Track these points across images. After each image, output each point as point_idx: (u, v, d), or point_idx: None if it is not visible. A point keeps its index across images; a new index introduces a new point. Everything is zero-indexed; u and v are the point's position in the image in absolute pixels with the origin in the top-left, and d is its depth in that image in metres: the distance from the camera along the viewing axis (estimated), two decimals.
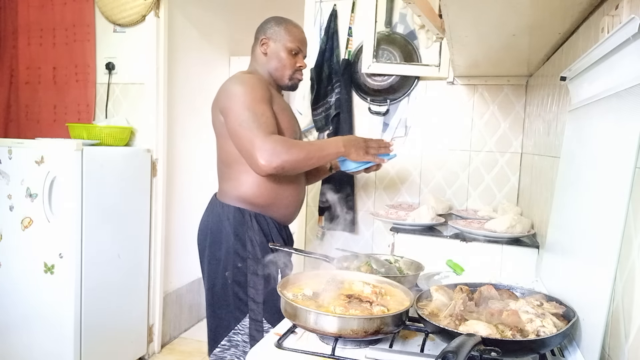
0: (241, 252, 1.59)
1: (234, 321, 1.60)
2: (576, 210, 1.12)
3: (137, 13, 2.71)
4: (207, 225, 1.69)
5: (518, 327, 0.93)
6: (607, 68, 0.99)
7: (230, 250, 1.59)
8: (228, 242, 1.60)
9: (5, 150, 2.33)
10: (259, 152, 1.45)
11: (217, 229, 1.64)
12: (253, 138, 1.47)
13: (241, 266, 1.59)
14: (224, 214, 1.63)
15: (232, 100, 1.54)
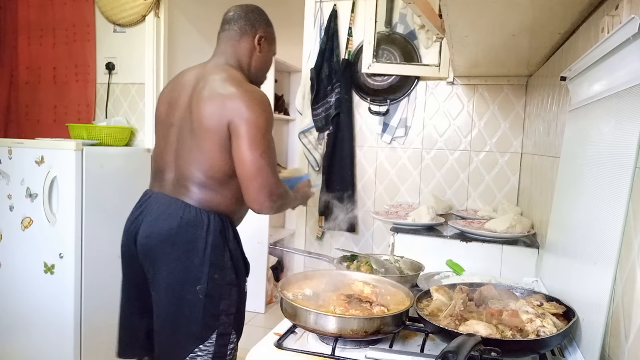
0: (218, 262, 1.47)
1: (194, 341, 1.44)
2: (576, 210, 1.12)
3: (137, 13, 2.71)
4: (170, 232, 1.46)
5: (518, 327, 0.93)
6: (607, 68, 0.99)
7: (205, 260, 1.44)
8: (203, 252, 1.45)
9: (5, 150, 2.33)
10: (269, 196, 1.44)
11: (189, 238, 1.45)
12: (269, 178, 1.43)
13: (217, 277, 1.46)
14: (200, 222, 1.46)
15: (251, 122, 1.42)
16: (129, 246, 1.54)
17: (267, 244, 3.62)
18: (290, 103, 4.16)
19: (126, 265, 1.59)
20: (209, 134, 1.44)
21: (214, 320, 1.45)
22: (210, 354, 1.45)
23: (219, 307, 1.46)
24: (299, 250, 1.95)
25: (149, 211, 1.52)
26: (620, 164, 0.86)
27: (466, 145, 2.50)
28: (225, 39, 1.58)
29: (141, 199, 1.59)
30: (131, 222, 1.55)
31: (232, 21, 1.58)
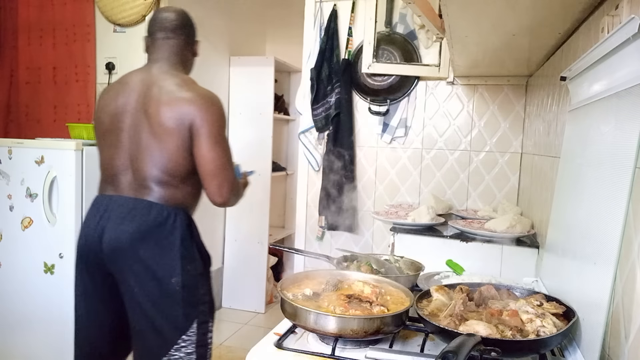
0: (189, 255, 1.55)
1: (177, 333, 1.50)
2: (576, 210, 1.12)
3: (137, 13, 2.71)
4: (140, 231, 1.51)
5: (518, 327, 0.93)
6: (607, 68, 0.99)
7: (177, 254, 1.52)
8: (174, 247, 1.53)
9: (5, 150, 2.33)
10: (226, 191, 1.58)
11: (159, 235, 1.52)
12: (229, 174, 1.59)
13: (190, 269, 1.54)
14: (170, 219, 1.54)
15: (211, 122, 1.55)
16: (93, 253, 1.55)
17: (267, 244, 3.62)
18: (290, 103, 4.16)
19: (89, 273, 1.59)
20: (171, 135, 1.52)
21: (193, 309, 1.52)
22: (194, 343, 1.52)
23: (196, 296, 1.54)
24: (299, 250, 1.95)
25: (112, 215, 1.54)
26: (620, 164, 0.86)
27: (466, 145, 2.50)
28: (171, 47, 1.66)
29: (96, 205, 1.61)
30: (92, 229, 1.56)
31: (177, 30, 1.67)
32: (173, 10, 1.71)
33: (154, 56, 1.66)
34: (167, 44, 1.66)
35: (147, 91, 1.57)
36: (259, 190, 3.61)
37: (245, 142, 3.62)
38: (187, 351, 1.51)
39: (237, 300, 3.70)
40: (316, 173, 2.71)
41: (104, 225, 1.54)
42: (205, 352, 1.55)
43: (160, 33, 1.66)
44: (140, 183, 1.56)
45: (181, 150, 1.54)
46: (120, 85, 1.64)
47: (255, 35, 4.10)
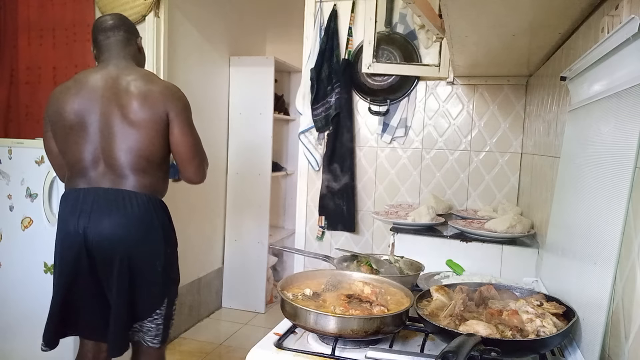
0: (169, 239, 1.75)
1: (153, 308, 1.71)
2: (576, 210, 1.12)
3: (137, 13, 2.71)
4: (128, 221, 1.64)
5: (518, 327, 0.93)
6: (607, 68, 0.99)
7: (159, 239, 1.69)
8: (157, 233, 1.69)
9: (5, 150, 2.33)
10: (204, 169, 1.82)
11: (146, 224, 1.67)
12: (203, 155, 1.81)
13: (169, 252, 1.74)
14: (152, 207, 1.69)
15: (185, 110, 1.74)
16: (77, 246, 1.64)
17: (267, 244, 3.62)
18: (290, 103, 4.16)
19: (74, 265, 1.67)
20: (148, 123, 1.65)
21: (167, 288, 1.75)
22: (163, 316, 1.74)
23: (171, 277, 1.76)
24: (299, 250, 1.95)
25: (94, 208, 1.64)
26: (620, 164, 0.86)
27: (466, 145, 2.50)
28: (115, 45, 1.76)
29: (72, 199, 1.69)
30: (73, 223, 1.65)
31: (115, 29, 1.77)
32: (109, 14, 1.85)
33: (103, 57, 1.77)
34: (110, 42, 1.76)
35: (115, 86, 1.68)
36: (259, 190, 3.61)
37: (245, 142, 3.62)
38: (157, 322, 1.74)
39: (237, 300, 3.70)
40: (316, 173, 2.71)
41: (86, 218, 1.64)
42: (169, 323, 1.78)
43: (101, 35, 1.77)
44: (116, 173, 1.66)
45: (157, 137, 1.68)
46: (78, 83, 1.72)
47: (255, 35, 4.10)
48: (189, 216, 3.21)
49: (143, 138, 1.66)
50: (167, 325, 1.78)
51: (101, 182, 1.67)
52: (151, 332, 1.75)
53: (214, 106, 3.50)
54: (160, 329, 1.76)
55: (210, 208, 3.51)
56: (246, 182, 3.64)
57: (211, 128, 3.46)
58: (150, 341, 1.76)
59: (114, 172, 1.67)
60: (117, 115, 1.65)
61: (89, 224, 1.64)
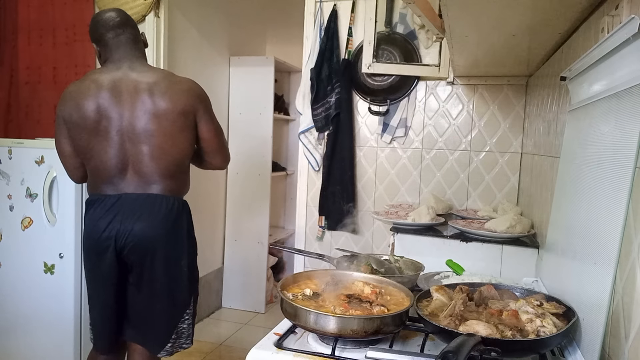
0: (192, 240, 1.80)
1: (184, 308, 1.75)
2: (576, 210, 1.12)
3: (137, 13, 2.71)
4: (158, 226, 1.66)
5: (518, 327, 0.93)
6: (607, 68, 0.99)
7: (185, 240, 1.74)
8: (183, 233, 1.73)
9: (5, 150, 2.33)
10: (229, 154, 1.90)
11: (176, 227, 1.71)
12: (226, 142, 1.88)
13: (192, 252, 1.79)
14: (180, 210, 1.73)
15: (209, 106, 1.77)
16: (107, 250, 1.65)
17: (267, 244, 3.62)
18: (290, 103, 4.16)
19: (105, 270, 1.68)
20: (177, 128, 1.65)
21: (192, 286, 1.79)
22: (192, 315, 1.79)
23: (194, 275, 1.80)
24: (299, 250, 1.95)
25: (125, 213, 1.64)
26: (620, 164, 0.86)
27: (466, 145, 2.50)
28: (127, 43, 1.70)
29: (102, 206, 1.67)
30: (103, 229, 1.64)
31: (123, 26, 1.70)
32: (111, 10, 1.74)
33: (115, 56, 1.69)
34: (121, 41, 1.69)
35: (138, 89, 1.63)
36: (259, 190, 3.61)
37: (245, 142, 3.62)
38: (188, 322, 1.77)
39: (237, 300, 3.70)
40: (316, 173, 2.71)
41: (118, 223, 1.64)
42: (193, 321, 1.83)
43: (110, 33, 1.68)
44: (144, 179, 1.66)
45: (187, 141, 1.70)
46: (96, 85, 1.64)
47: (255, 35, 4.10)
48: None
49: (173, 143, 1.65)
50: (194, 324, 1.83)
51: (129, 188, 1.66)
52: (184, 333, 1.76)
53: (214, 106, 3.47)
54: (191, 328, 1.79)
55: (210, 208, 3.51)
56: (246, 182, 3.64)
57: None
58: (184, 343, 1.77)
59: (141, 178, 1.65)
60: (145, 119, 1.62)
61: (120, 230, 1.63)
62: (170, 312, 1.72)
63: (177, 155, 1.68)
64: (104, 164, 1.65)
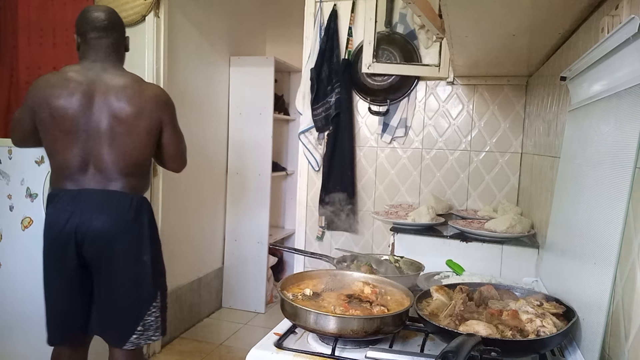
0: (154, 235, 1.85)
1: (150, 301, 1.80)
2: (576, 210, 1.12)
3: (137, 13, 2.71)
4: (118, 221, 1.72)
5: (518, 327, 0.93)
6: (607, 68, 0.99)
7: (146, 235, 1.79)
8: (144, 229, 1.78)
9: (5, 150, 2.33)
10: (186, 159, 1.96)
11: (136, 222, 1.76)
12: (185, 148, 1.94)
13: (155, 247, 1.84)
14: (140, 207, 1.78)
15: (174, 114, 1.85)
16: (68, 245, 1.70)
17: (267, 244, 3.62)
18: (290, 103, 4.16)
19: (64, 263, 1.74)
20: (142, 130, 1.73)
21: (159, 281, 1.86)
22: (159, 308, 1.84)
23: (159, 269, 1.87)
24: (299, 250, 1.95)
25: (84, 208, 1.70)
26: (620, 164, 0.86)
27: (466, 145, 2.50)
28: (107, 47, 1.77)
29: (62, 200, 1.73)
30: (63, 223, 1.70)
31: (109, 30, 1.77)
32: (102, 9, 1.80)
33: (91, 56, 1.77)
34: (102, 43, 1.76)
35: (107, 91, 1.71)
36: (259, 190, 3.61)
37: (245, 142, 3.62)
38: (156, 315, 1.82)
39: (237, 300, 3.70)
40: (316, 173, 2.71)
41: (77, 218, 1.69)
42: (164, 314, 1.88)
43: (92, 33, 1.76)
44: (105, 176, 1.73)
45: (150, 143, 1.78)
46: (67, 82, 1.70)
47: (255, 35, 4.10)
48: (189, 216, 3.21)
49: (136, 145, 1.73)
50: (164, 317, 1.87)
51: (89, 185, 1.73)
52: (152, 326, 1.82)
53: (214, 106, 3.50)
54: (159, 321, 1.84)
55: (210, 208, 3.51)
56: (246, 182, 3.64)
57: (211, 128, 3.46)
58: (153, 335, 1.83)
59: (102, 175, 1.73)
60: (111, 121, 1.70)
61: (80, 224, 1.69)
62: (133, 305, 1.77)
63: (138, 157, 1.75)
64: (67, 160, 1.72)
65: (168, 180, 2.92)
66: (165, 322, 1.89)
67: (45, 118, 1.72)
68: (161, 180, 2.83)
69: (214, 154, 3.54)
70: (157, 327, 1.83)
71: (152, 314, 1.81)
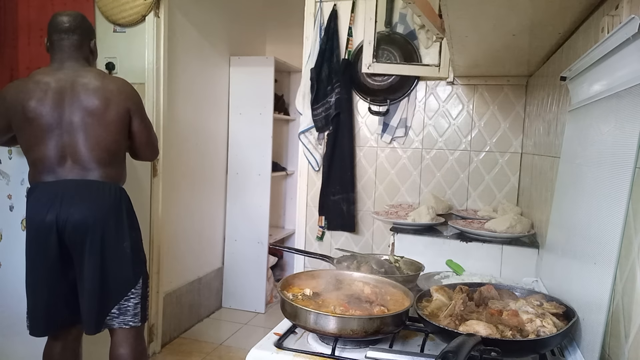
0: (133, 224, 1.91)
1: (128, 287, 1.86)
2: (576, 210, 1.12)
3: (137, 13, 2.71)
4: (98, 209, 1.79)
5: (518, 327, 0.93)
6: (607, 68, 0.99)
7: (126, 224, 1.86)
8: (123, 217, 1.86)
9: (5, 150, 2.33)
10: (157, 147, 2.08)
11: (115, 210, 1.83)
12: (155, 137, 2.06)
13: (134, 235, 1.90)
14: (118, 195, 1.86)
15: (141, 103, 1.96)
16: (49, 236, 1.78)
17: (267, 244, 3.62)
18: (290, 103, 4.16)
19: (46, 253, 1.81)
20: (112, 120, 1.83)
21: (139, 268, 1.91)
22: (140, 295, 1.90)
23: (140, 257, 1.93)
24: (299, 250, 1.95)
25: (64, 198, 1.78)
26: (620, 164, 0.86)
27: (466, 145, 2.50)
28: (68, 47, 1.88)
29: (43, 192, 1.81)
30: (44, 213, 1.77)
31: (70, 32, 1.87)
32: (67, 14, 1.92)
33: (57, 56, 1.89)
34: (63, 45, 1.88)
35: (75, 88, 1.81)
36: (259, 190, 3.61)
37: (245, 142, 3.62)
38: (135, 301, 1.88)
39: (237, 300, 3.70)
40: (316, 173, 2.71)
41: (59, 208, 1.76)
42: (145, 302, 1.94)
43: (55, 35, 1.88)
44: (83, 167, 1.81)
45: (121, 132, 1.87)
46: (38, 86, 1.82)
47: (255, 35, 4.10)
48: (189, 216, 3.21)
49: (107, 134, 1.83)
50: (144, 305, 1.93)
51: (68, 176, 1.81)
52: (130, 312, 1.87)
53: (214, 106, 3.50)
54: (139, 307, 1.90)
55: (210, 208, 3.51)
56: (246, 182, 3.64)
57: (211, 128, 3.46)
58: (131, 320, 1.88)
59: (80, 166, 1.81)
60: (82, 114, 1.80)
61: (60, 213, 1.76)
62: (111, 290, 1.83)
63: (112, 145, 1.85)
64: (44, 155, 1.80)
65: (168, 180, 2.92)
66: (146, 310, 1.95)
67: (20, 120, 1.82)
68: (161, 180, 2.83)
69: (214, 154, 3.54)
70: (135, 313, 1.88)
71: (131, 300, 1.87)
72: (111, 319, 1.86)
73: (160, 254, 2.88)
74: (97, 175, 1.83)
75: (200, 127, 3.30)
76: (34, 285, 1.86)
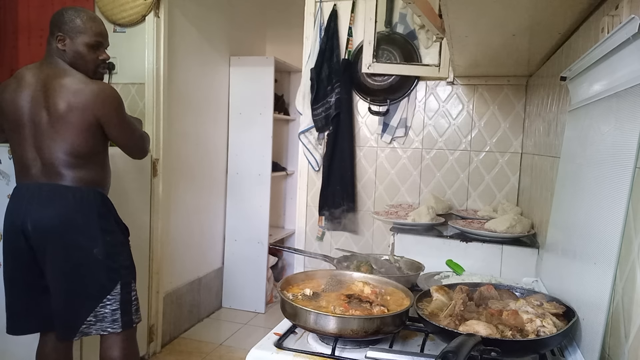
0: (107, 228, 1.82)
1: (103, 294, 1.79)
2: (576, 210, 1.12)
3: (137, 13, 2.71)
4: (61, 214, 1.74)
5: (518, 327, 0.93)
6: (607, 68, 0.99)
7: (95, 228, 1.78)
8: (93, 222, 1.78)
9: (5, 150, 2.33)
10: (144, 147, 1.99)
11: (82, 214, 1.77)
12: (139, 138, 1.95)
13: (109, 240, 1.81)
14: (90, 198, 1.78)
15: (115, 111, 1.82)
16: (18, 238, 1.77)
17: (267, 244, 3.62)
18: (290, 103, 4.16)
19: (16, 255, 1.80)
20: (75, 124, 1.74)
21: (115, 274, 1.82)
22: (118, 301, 1.82)
23: (117, 262, 1.83)
24: (299, 250, 1.95)
25: (33, 201, 1.75)
26: (620, 164, 0.86)
27: (466, 145, 2.50)
28: (47, 44, 1.87)
29: (18, 194, 1.81)
30: (16, 215, 1.77)
31: (50, 31, 1.86)
32: None
33: (44, 56, 1.88)
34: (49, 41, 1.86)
35: (44, 87, 1.77)
36: (259, 190, 3.61)
37: (245, 142, 3.62)
38: (112, 308, 1.81)
39: (237, 300, 3.70)
40: (316, 173, 2.71)
41: (27, 211, 1.75)
42: (128, 307, 1.85)
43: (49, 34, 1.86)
44: (52, 170, 1.76)
45: (87, 137, 1.77)
46: (16, 81, 1.81)
47: (255, 35, 4.10)
48: (189, 216, 3.21)
49: (76, 137, 1.75)
50: (125, 310, 1.84)
51: (40, 178, 1.78)
52: (107, 318, 1.81)
53: (214, 106, 3.50)
54: (117, 313, 1.82)
55: (210, 208, 3.51)
56: (246, 182, 3.64)
57: (211, 128, 3.46)
58: (109, 327, 1.81)
59: (49, 168, 1.77)
60: (45, 116, 1.75)
61: (24, 217, 1.75)
62: (80, 298, 1.78)
63: (80, 149, 1.76)
64: (22, 155, 1.80)
65: (168, 180, 2.92)
66: (131, 315, 1.87)
67: (5, 119, 1.84)
68: (161, 180, 2.83)
69: (214, 154, 3.54)
70: (114, 319, 1.81)
71: (107, 307, 1.81)
72: (87, 326, 1.80)
73: (160, 254, 2.87)
74: (66, 179, 1.77)
75: (200, 127, 3.30)
76: (9, 286, 1.86)
